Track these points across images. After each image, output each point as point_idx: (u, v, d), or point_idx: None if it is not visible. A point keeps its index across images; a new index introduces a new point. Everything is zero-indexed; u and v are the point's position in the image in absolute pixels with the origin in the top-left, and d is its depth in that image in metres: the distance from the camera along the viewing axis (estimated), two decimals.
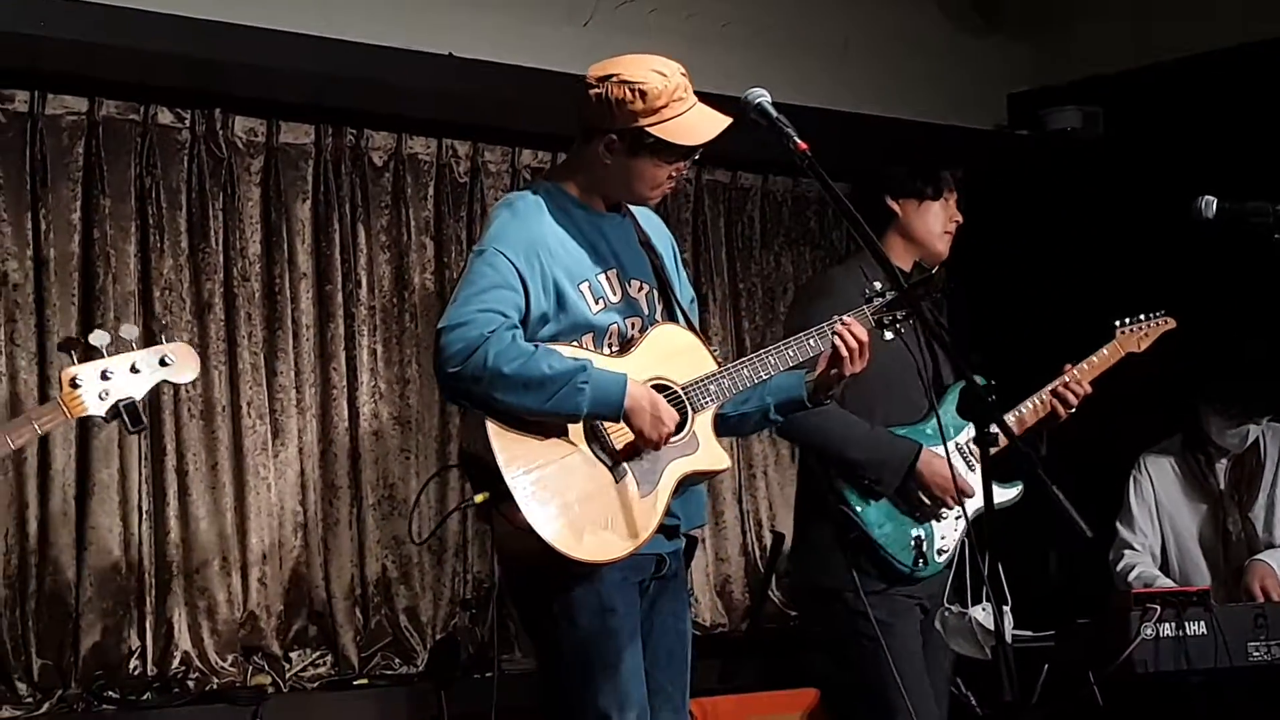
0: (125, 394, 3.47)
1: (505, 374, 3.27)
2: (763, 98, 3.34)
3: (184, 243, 5.97)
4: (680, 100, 3.43)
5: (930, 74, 7.19)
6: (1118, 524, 5.63)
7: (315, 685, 6.02)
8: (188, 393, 5.89)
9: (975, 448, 4.29)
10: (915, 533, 4.32)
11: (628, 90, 3.41)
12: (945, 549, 4.35)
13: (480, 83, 6.02)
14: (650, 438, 3.38)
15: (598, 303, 3.49)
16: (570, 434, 3.40)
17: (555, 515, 3.32)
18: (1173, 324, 4.74)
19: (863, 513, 4.29)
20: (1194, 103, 6.77)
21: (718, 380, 3.50)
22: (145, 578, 5.80)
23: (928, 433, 4.35)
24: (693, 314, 3.74)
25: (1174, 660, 4.92)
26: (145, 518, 5.82)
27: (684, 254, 6.96)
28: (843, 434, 4.26)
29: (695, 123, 3.44)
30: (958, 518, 4.32)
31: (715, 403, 3.51)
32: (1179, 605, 4.95)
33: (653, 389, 3.42)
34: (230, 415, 6.00)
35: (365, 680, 6.09)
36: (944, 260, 4.50)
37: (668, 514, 3.47)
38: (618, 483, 3.41)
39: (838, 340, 3.50)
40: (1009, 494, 4.38)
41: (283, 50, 5.62)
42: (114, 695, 5.57)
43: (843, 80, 6.88)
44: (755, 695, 5.98)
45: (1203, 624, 4.95)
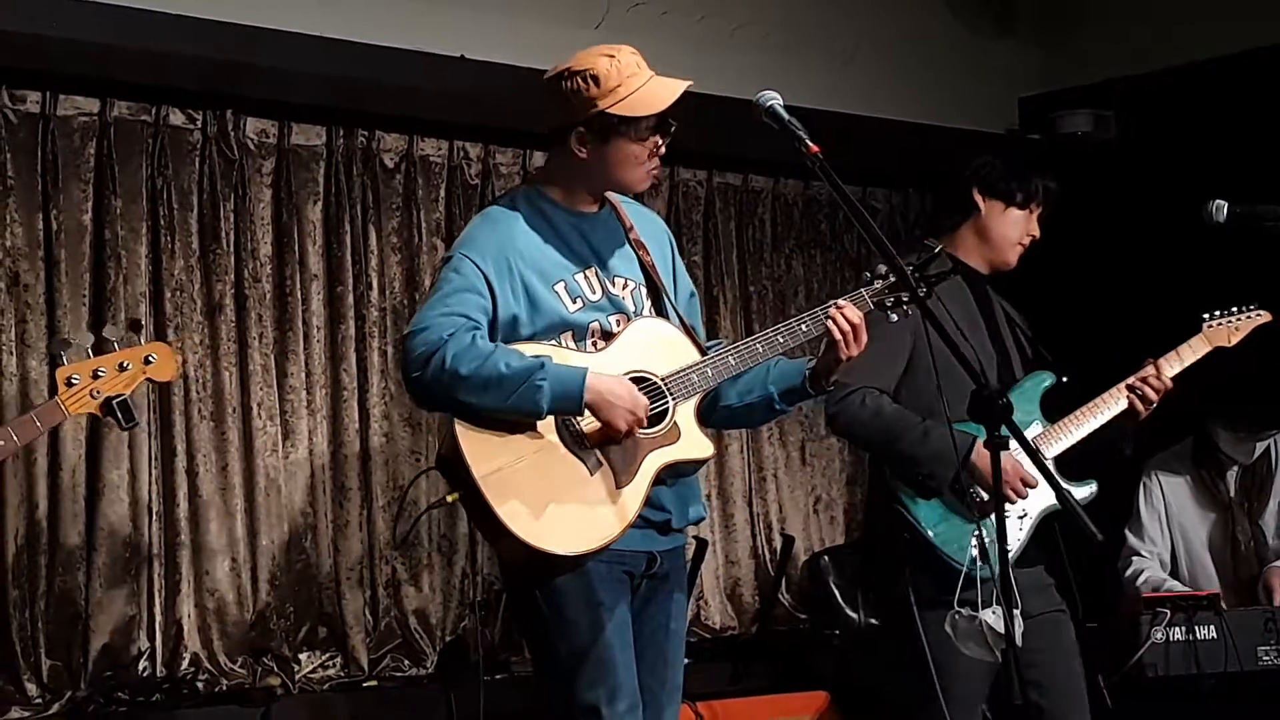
0: (116, 391, 3.61)
1: (463, 375, 3.30)
2: (774, 100, 3.34)
3: (195, 244, 5.98)
4: (634, 76, 3.46)
5: (942, 77, 7.19)
6: (1127, 531, 5.61)
7: (325, 687, 6.03)
8: (198, 394, 5.91)
9: (1043, 446, 4.21)
10: (974, 531, 4.09)
11: (579, 80, 3.45)
12: (1009, 549, 4.18)
13: (492, 85, 6.03)
14: (618, 427, 3.38)
15: (575, 301, 3.51)
16: (540, 428, 3.40)
17: (526, 511, 3.34)
18: (1268, 317, 4.46)
19: (915, 511, 4.13)
20: (1206, 106, 6.76)
21: (700, 369, 3.50)
22: (155, 579, 5.81)
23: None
24: (692, 308, 3.75)
25: (1184, 664, 4.92)
26: (155, 518, 5.83)
27: (694, 257, 7.01)
28: (897, 429, 4.12)
29: (654, 91, 3.46)
30: (1021, 517, 4.17)
31: (698, 392, 3.51)
32: (1189, 609, 4.95)
33: (624, 378, 3.43)
34: (241, 416, 6.01)
35: (375, 682, 6.09)
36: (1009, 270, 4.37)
37: (649, 505, 3.46)
38: (592, 474, 3.41)
39: (831, 324, 3.47)
40: (1082, 493, 4.23)
41: (294, 52, 5.63)
42: (123, 696, 5.56)
43: (854, 83, 6.88)
44: (765, 698, 5.98)
45: (1213, 628, 4.95)
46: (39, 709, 5.46)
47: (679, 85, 3.48)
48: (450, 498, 3.39)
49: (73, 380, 3.56)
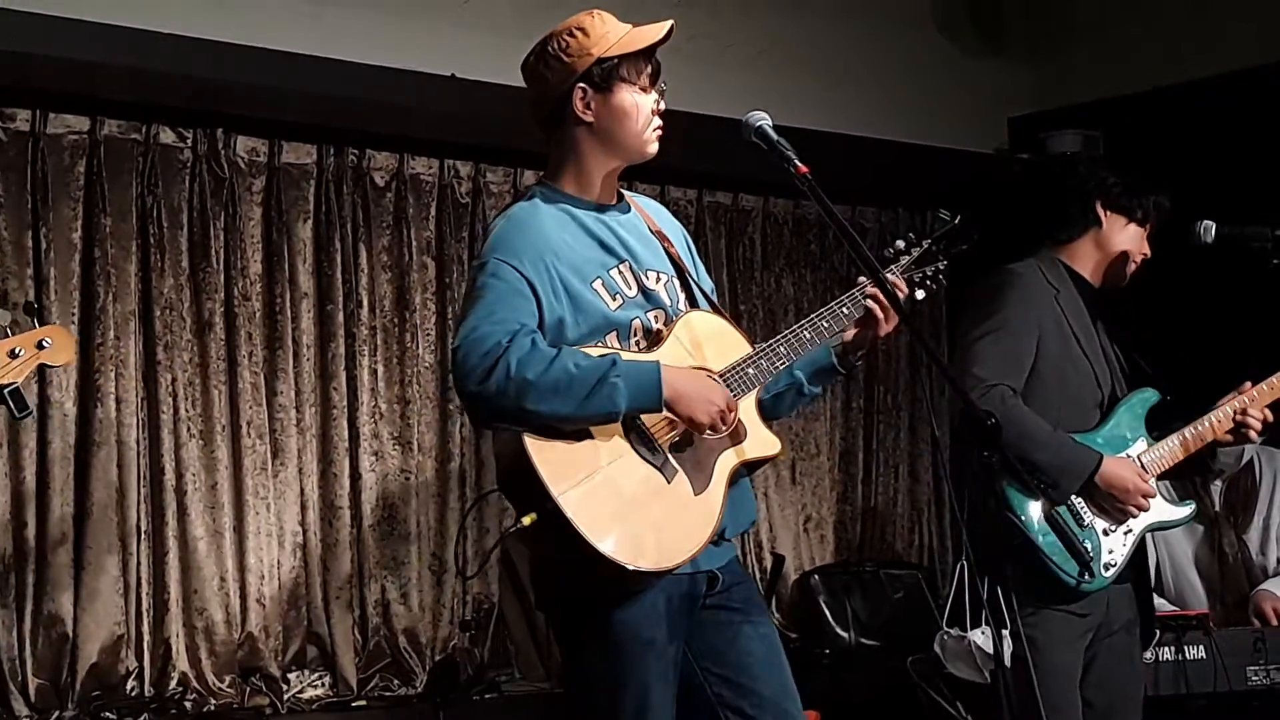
0: (7, 380, 3.46)
1: (531, 381, 3.08)
2: (763, 120, 3.31)
3: (185, 262, 5.98)
4: (616, 26, 3.37)
5: (931, 97, 7.20)
6: None
7: (314, 707, 6.01)
8: (187, 412, 5.90)
9: (1148, 462, 4.23)
10: (1084, 543, 4.07)
11: (565, 38, 3.34)
12: (1113, 563, 4.12)
13: (482, 104, 6.03)
14: (702, 423, 3.19)
15: (615, 299, 3.30)
16: (613, 437, 3.17)
17: (610, 527, 3.10)
18: None
19: (1026, 520, 4.05)
20: (1193, 127, 6.77)
21: (755, 362, 3.31)
22: (143, 598, 5.80)
23: (1099, 441, 4.18)
24: (714, 302, 3.55)
25: (1174, 684, 4.90)
26: (143, 538, 5.82)
27: None
28: (1029, 433, 4.05)
29: (642, 30, 3.36)
30: (1126, 532, 4.15)
31: (756, 386, 3.32)
32: (1178, 629, 4.94)
33: (695, 369, 3.26)
34: (230, 435, 6.00)
35: (364, 701, 6.08)
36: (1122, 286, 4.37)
37: (725, 507, 3.25)
38: (669, 483, 3.20)
39: (871, 303, 3.36)
40: (1182, 513, 4.27)
41: (285, 70, 5.64)
42: (111, 716, 5.56)
43: (844, 103, 6.89)
44: None
45: (1202, 648, 4.94)
46: None
47: (663, 25, 3.35)
48: (527, 520, 3.10)
49: None
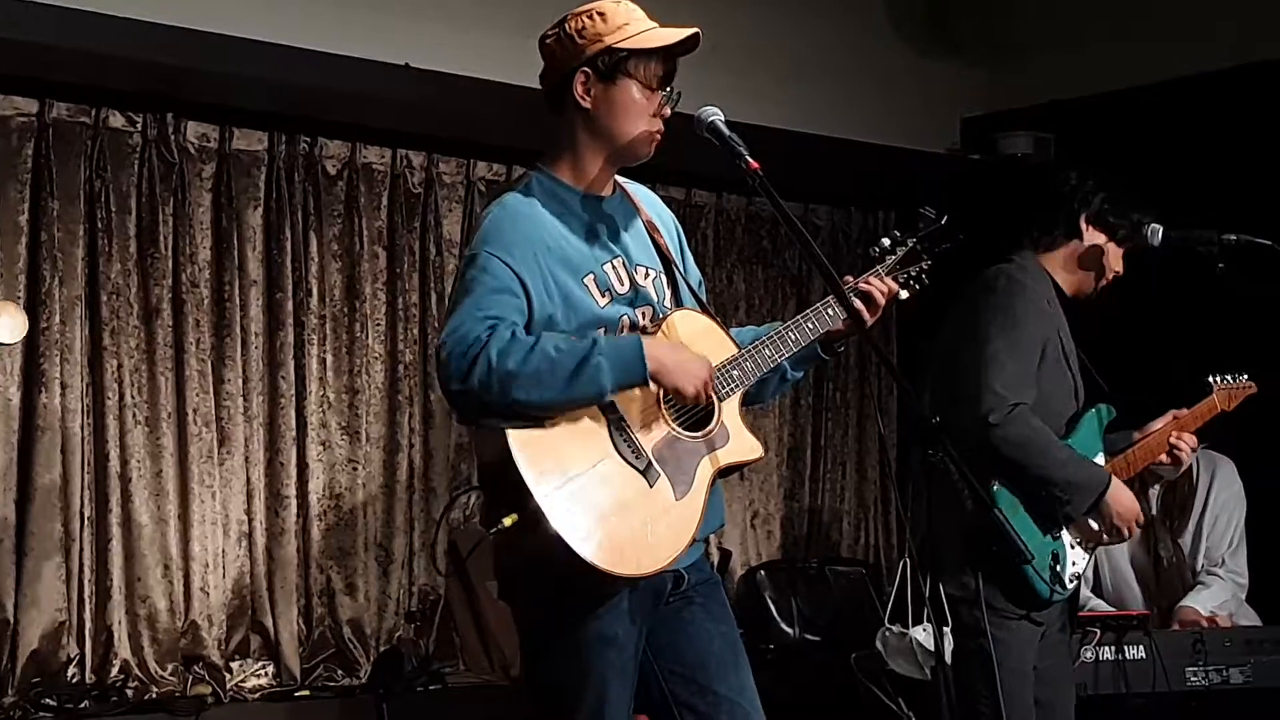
0: None
1: (513, 371, 3.03)
2: (716, 116, 3.31)
3: (133, 247, 5.94)
4: (640, 19, 3.33)
5: (885, 96, 7.23)
6: None
7: (256, 696, 5.99)
8: (133, 399, 5.86)
9: None
10: (1054, 552, 4.16)
11: (584, 19, 3.30)
12: (1077, 575, 4.24)
13: (436, 94, 6.02)
14: (689, 392, 3.17)
15: (604, 295, 3.27)
16: (597, 439, 3.14)
17: (593, 531, 3.07)
18: (1254, 389, 4.66)
19: (1012, 523, 4.09)
20: (1144, 130, 6.82)
21: (740, 364, 3.29)
22: (85, 585, 5.76)
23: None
24: (702, 295, 3.54)
25: (1113, 683, 4.94)
26: (87, 525, 5.78)
27: None
28: (1055, 453, 4.11)
29: (663, 32, 3.32)
30: (1090, 547, 4.26)
31: (741, 388, 3.30)
32: (1119, 629, 4.98)
33: (679, 343, 3.23)
34: (176, 422, 5.97)
35: (307, 691, 6.05)
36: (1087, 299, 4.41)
37: (706, 511, 3.23)
38: (651, 487, 3.17)
39: (872, 289, 3.35)
40: None
41: (237, 56, 5.60)
42: (51, 703, 5.51)
43: (797, 101, 6.90)
44: None
45: (1142, 648, 4.98)
46: None
47: (685, 29, 3.32)
48: (508, 521, 3.06)
49: None
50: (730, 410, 3.29)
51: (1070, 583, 4.20)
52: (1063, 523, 4.15)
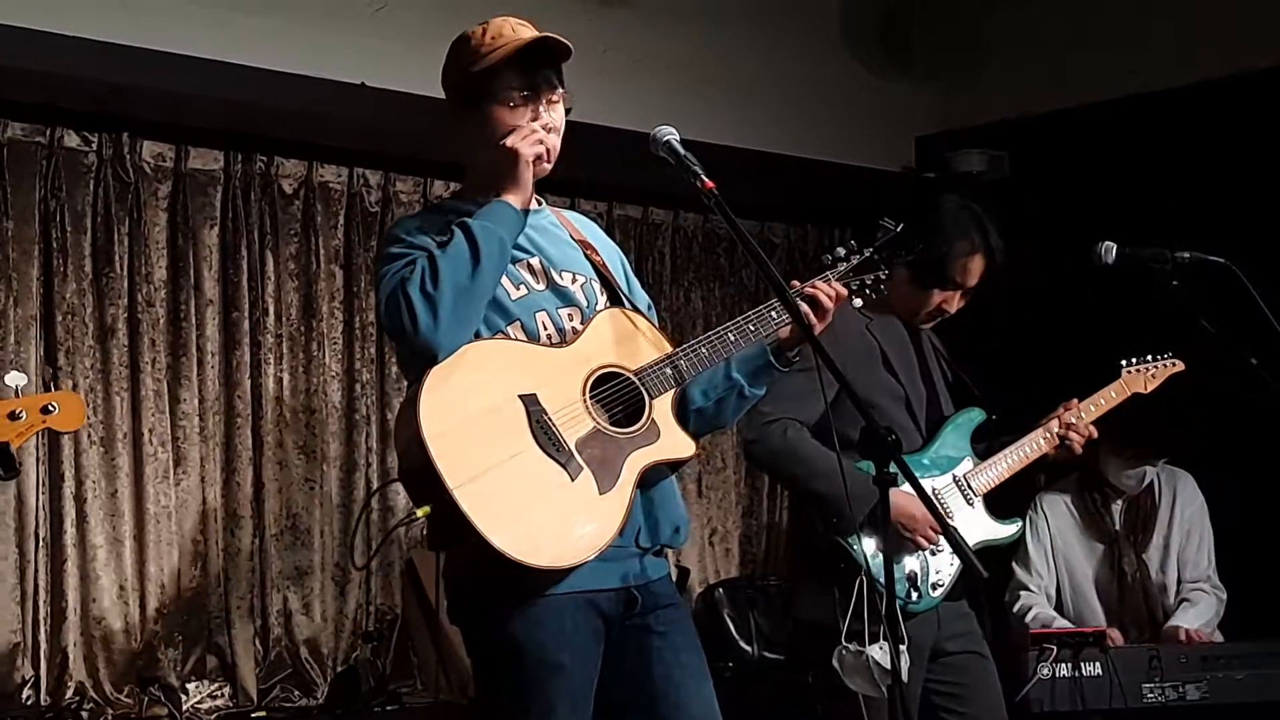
0: (4, 440, 3.45)
1: (428, 274, 3.06)
2: (670, 135, 3.29)
3: (88, 267, 5.91)
4: (501, 36, 3.27)
5: (840, 115, 7.26)
6: (1014, 564, 5.66)
7: (213, 717, 5.95)
8: (88, 419, 5.83)
9: (974, 481, 4.25)
10: (910, 567, 4.10)
11: (455, 48, 3.30)
12: (941, 583, 4.15)
13: (392, 113, 6.01)
14: (526, 157, 3.18)
15: (518, 288, 3.24)
16: (516, 431, 3.09)
17: (506, 522, 3.01)
18: (1181, 366, 4.59)
19: (853, 542, 4.02)
20: (1096, 148, 6.88)
21: (673, 362, 3.24)
22: (40, 606, 5.72)
23: (924, 463, 4.19)
24: (651, 319, 3.46)
25: (1069, 700, 4.96)
26: (42, 545, 5.74)
27: None
28: (811, 465, 4.04)
29: (514, 38, 3.26)
30: (953, 553, 4.11)
31: (674, 386, 3.25)
32: (1075, 646, 5.00)
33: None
34: (131, 442, 5.94)
35: (264, 712, 6.02)
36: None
37: (632, 508, 3.15)
38: (573, 481, 3.10)
39: (818, 293, 3.29)
40: (1007, 531, 4.28)
41: (192, 75, 5.59)
42: None
43: (753, 120, 6.93)
44: None
45: (1098, 665, 5.00)
46: None
47: (530, 30, 3.26)
48: (420, 513, 3.03)
49: None
50: (662, 408, 3.23)
51: (934, 591, 4.13)
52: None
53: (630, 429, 3.19)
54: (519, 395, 3.13)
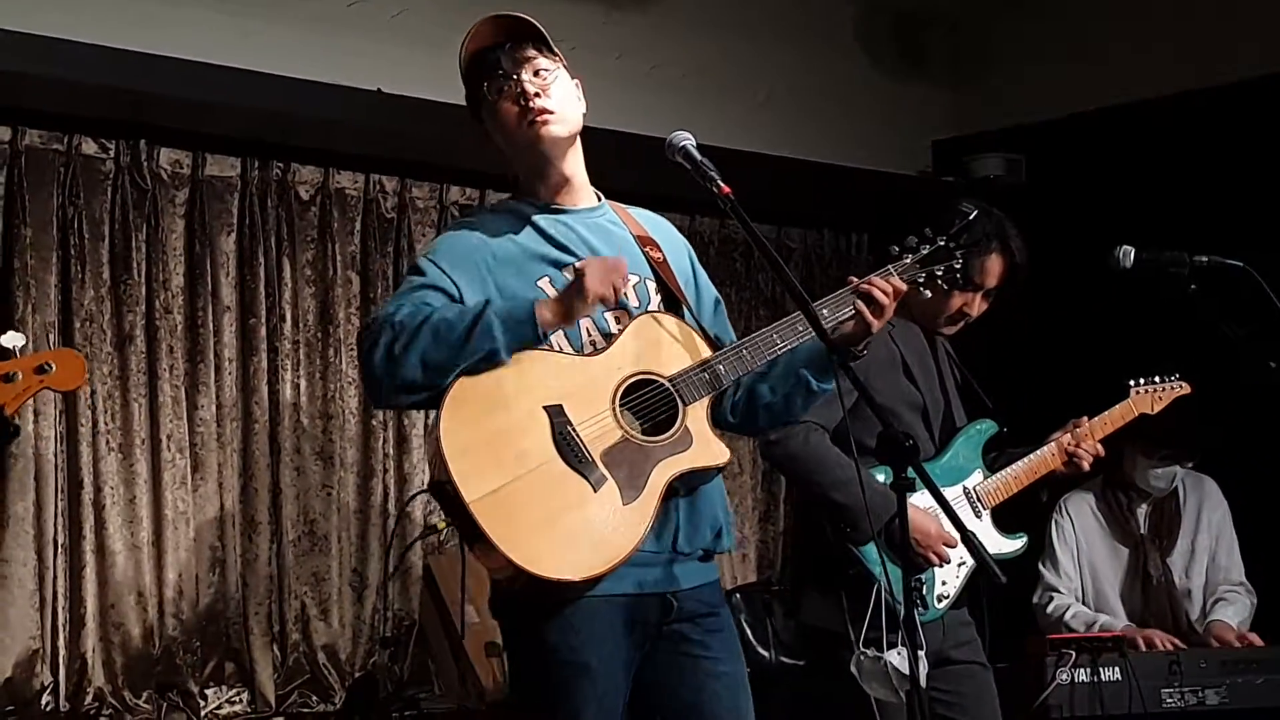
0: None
1: (412, 330, 3.03)
2: (687, 141, 3.29)
3: (106, 274, 5.93)
4: (467, 36, 3.26)
5: (856, 119, 7.26)
6: (1041, 566, 5.64)
7: None
8: (106, 425, 5.85)
9: (982, 493, 4.24)
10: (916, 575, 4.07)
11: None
12: (946, 594, 4.15)
13: (408, 119, 6.02)
14: (591, 299, 3.08)
15: None
16: (538, 443, 3.08)
17: (524, 534, 3.01)
18: (1188, 389, 4.64)
19: (863, 549, 4.02)
20: (1115, 152, 6.87)
21: (711, 367, 3.19)
22: (59, 612, 5.73)
23: (935, 473, 4.03)
24: (720, 317, 3.46)
25: (1088, 706, 4.94)
26: (60, 551, 5.75)
27: None
28: (830, 474, 4.02)
29: (471, 35, 3.25)
30: (960, 564, 4.13)
31: (710, 392, 3.19)
32: (1094, 651, 4.99)
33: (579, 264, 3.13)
34: (150, 449, 5.95)
35: (282, 718, 6.03)
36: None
37: (658, 518, 3.11)
38: (596, 492, 3.07)
39: (873, 289, 3.22)
40: (1013, 545, 4.27)
41: (210, 83, 5.61)
42: None
43: (769, 124, 6.93)
44: None
45: (1117, 670, 4.98)
46: None
47: (488, 13, 3.25)
48: (440, 525, 3.14)
49: None
50: (696, 415, 3.18)
51: (939, 603, 4.13)
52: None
53: (660, 437, 3.15)
54: (544, 407, 3.10)
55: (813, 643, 4.18)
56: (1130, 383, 4.61)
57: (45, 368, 3.45)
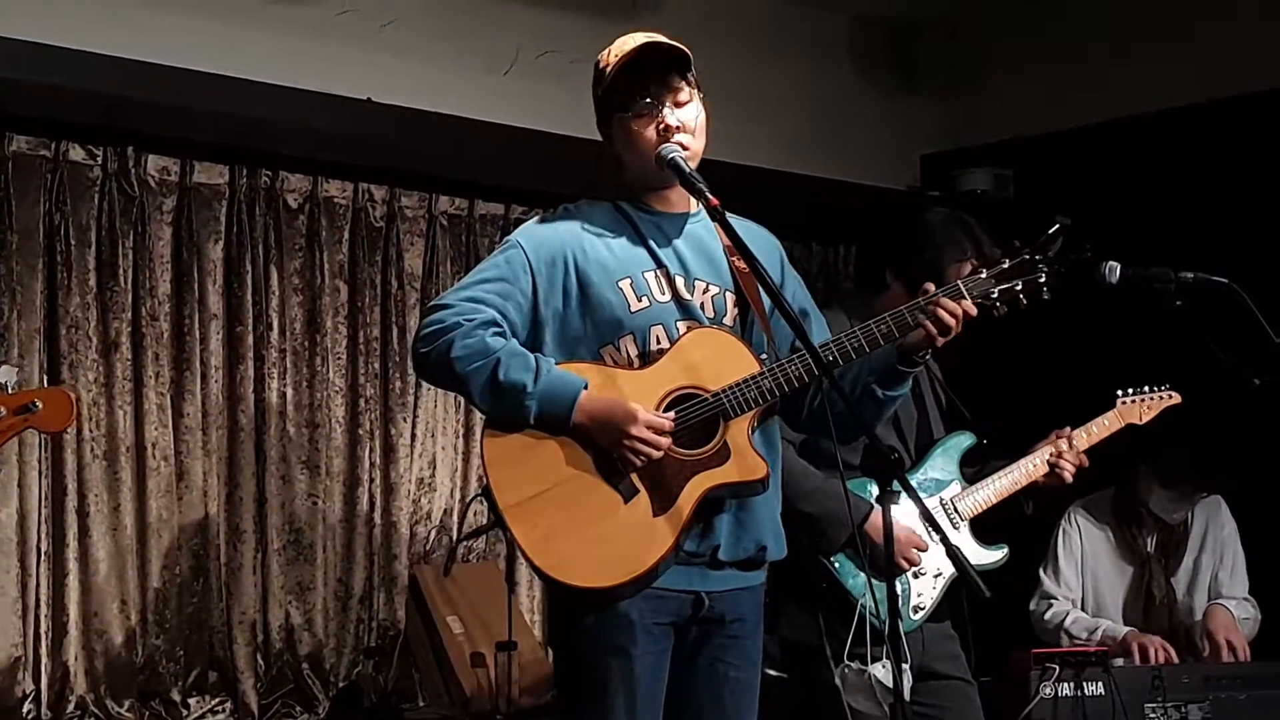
0: None
1: (458, 374, 3.19)
2: (675, 152, 3.32)
3: (92, 281, 5.92)
4: (613, 52, 3.34)
5: (845, 133, 7.26)
6: (1042, 572, 5.61)
7: None
8: (91, 432, 5.83)
9: (960, 505, 4.23)
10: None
11: (594, 69, 3.36)
12: (922, 606, 4.12)
13: (398, 128, 6.02)
14: (621, 453, 3.16)
15: (640, 300, 3.28)
16: (573, 454, 3.20)
17: (552, 541, 3.15)
18: (1179, 399, 4.61)
19: (836, 561, 4.02)
20: (1102, 168, 6.88)
21: (757, 383, 3.22)
22: (42, 620, 5.71)
23: (913, 484, 4.06)
24: (807, 327, 3.42)
25: None
26: (44, 559, 5.74)
27: None
28: (796, 485, 3.94)
29: (621, 53, 3.31)
30: (936, 575, 4.12)
31: (756, 406, 3.23)
32: (1078, 665, 4.98)
33: (624, 402, 3.19)
34: (134, 456, 5.94)
35: None
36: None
37: (693, 536, 3.20)
38: (627, 503, 3.18)
39: (942, 313, 3.29)
40: (993, 557, 4.23)
41: (198, 90, 5.60)
42: None
43: (758, 137, 6.92)
44: None
45: (1101, 684, 4.97)
46: None
47: (640, 38, 3.31)
48: (479, 531, 3.30)
49: None
50: (738, 430, 3.23)
51: (915, 614, 4.10)
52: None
53: (696, 451, 3.21)
54: None
55: (791, 657, 4.18)
56: (1118, 393, 4.60)
57: (31, 407, 3.42)
